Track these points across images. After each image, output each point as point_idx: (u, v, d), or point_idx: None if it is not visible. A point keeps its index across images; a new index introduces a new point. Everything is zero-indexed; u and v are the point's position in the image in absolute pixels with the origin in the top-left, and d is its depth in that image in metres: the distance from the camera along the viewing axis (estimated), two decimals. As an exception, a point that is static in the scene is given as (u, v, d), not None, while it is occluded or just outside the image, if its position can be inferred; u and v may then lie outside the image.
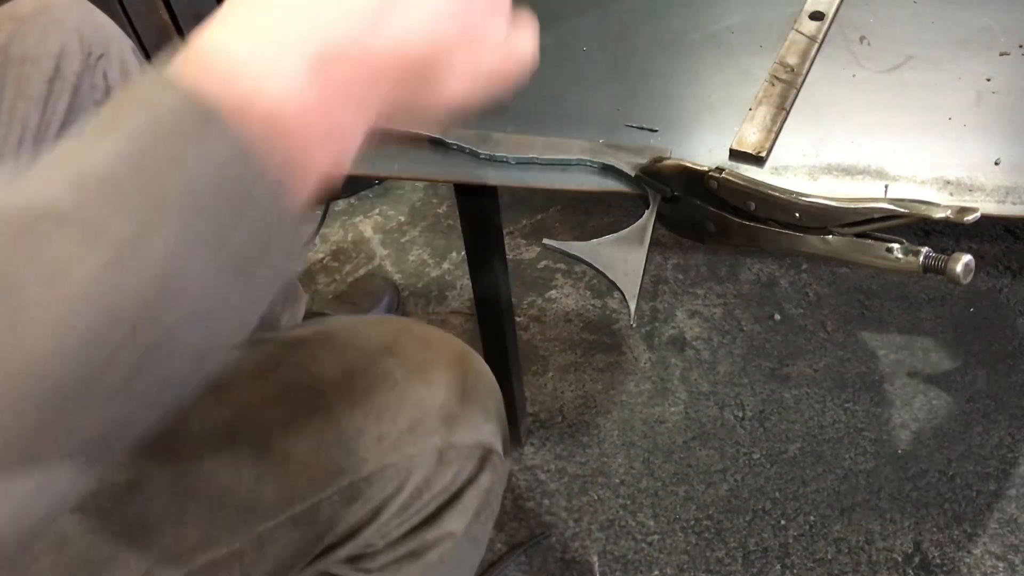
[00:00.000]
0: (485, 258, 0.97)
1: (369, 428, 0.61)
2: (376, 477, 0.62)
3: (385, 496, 0.63)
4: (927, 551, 1.10)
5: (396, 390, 0.63)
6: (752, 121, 0.72)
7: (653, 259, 1.53)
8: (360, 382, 0.63)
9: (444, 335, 0.69)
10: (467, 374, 0.67)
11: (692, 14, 0.88)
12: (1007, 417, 1.24)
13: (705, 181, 0.64)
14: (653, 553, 1.13)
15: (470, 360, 0.69)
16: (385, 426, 0.62)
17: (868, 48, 0.81)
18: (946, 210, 0.53)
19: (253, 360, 0.65)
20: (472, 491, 0.67)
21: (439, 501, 0.66)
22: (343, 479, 0.61)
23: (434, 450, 0.63)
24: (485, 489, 0.68)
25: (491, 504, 0.71)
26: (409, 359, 0.65)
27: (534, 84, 0.43)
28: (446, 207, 1.68)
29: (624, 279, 0.65)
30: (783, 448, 1.23)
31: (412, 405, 0.63)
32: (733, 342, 1.38)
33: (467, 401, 0.66)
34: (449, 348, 0.68)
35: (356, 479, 0.61)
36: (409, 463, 0.62)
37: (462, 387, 0.66)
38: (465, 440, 0.65)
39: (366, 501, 0.62)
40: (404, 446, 0.62)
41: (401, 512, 0.64)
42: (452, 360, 0.67)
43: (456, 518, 0.67)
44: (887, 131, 0.72)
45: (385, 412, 0.62)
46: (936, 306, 1.40)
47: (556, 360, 1.38)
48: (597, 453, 1.25)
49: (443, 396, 0.64)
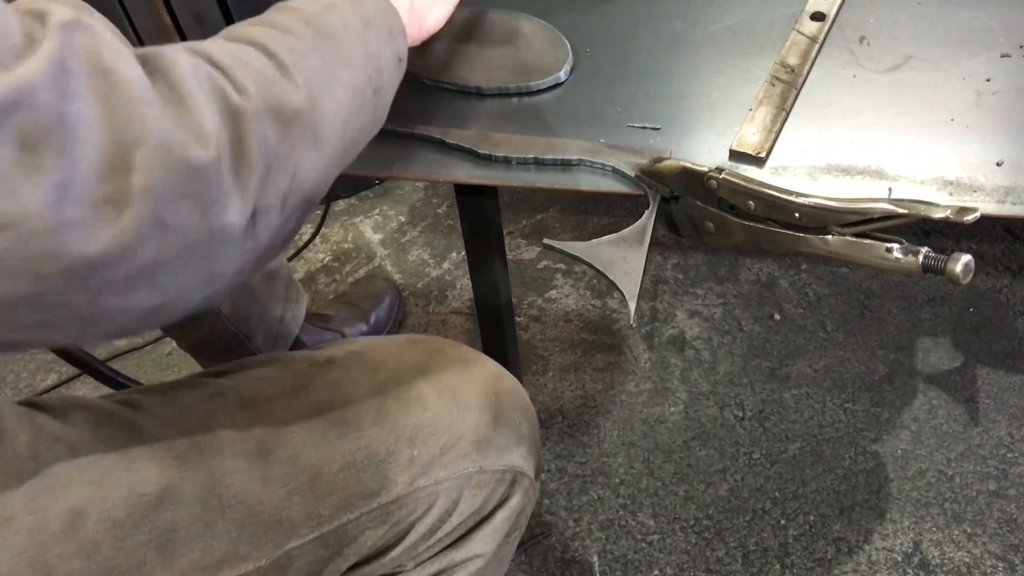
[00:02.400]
0: (485, 258, 0.97)
1: (401, 451, 0.61)
2: (406, 500, 0.62)
3: (414, 519, 0.62)
4: (927, 551, 1.10)
5: (429, 413, 0.63)
6: (752, 122, 0.72)
7: (653, 259, 1.53)
8: (392, 404, 0.63)
9: (478, 356, 0.69)
10: (500, 396, 0.67)
11: (692, 14, 0.88)
12: (1007, 417, 1.24)
13: (705, 181, 0.64)
14: (653, 553, 1.13)
15: (504, 381, 0.69)
16: (417, 449, 0.62)
17: (868, 48, 0.81)
18: (946, 210, 0.53)
19: (285, 378, 0.65)
20: (502, 514, 0.67)
21: (469, 524, 0.66)
22: (372, 501, 0.61)
23: (465, 475, 0.63)
24: (515, 512, 0.68)
25: (520, 525, 0.71)
26: (442, 382, 0.65)
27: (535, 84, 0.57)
28: (446, 207, 1.68)
29: (624, 279, 0.65)
30: (783, 448, 1.23)
31: (444, 429, 0.63)
32: (733, 342, 1.38)
33: (499, 424, 0.65)
34: (482, 370, 0.68)
35: (386, 501, 0.61)
36: (439, 487, 0.62)
37: (495, 410, 0.65)
38: (496, 464, 0.65)
39: (395, 524, 0.62)
40: (435, 470, 0.62)
41: (430, 535, 0.64)
42: (486, 382, 0.67)
43: (485, 540, 0.67)
44: (887, 131, 0.72)
45: (417, 435, 0.62)
46: (936, 306, 1.40)
47: (556, 360, 1.38)
48: (597, 453, 1.25)
49: (475, 420, 0.64)
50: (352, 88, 0.53)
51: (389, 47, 0.59)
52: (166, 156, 0.40)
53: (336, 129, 0.51)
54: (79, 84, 0.38)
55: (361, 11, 0.57)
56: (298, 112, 0.47)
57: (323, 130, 0.50)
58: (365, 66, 0.55)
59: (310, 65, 0.50)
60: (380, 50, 0.57)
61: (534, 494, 0.71)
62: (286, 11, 0.54)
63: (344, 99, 0.52)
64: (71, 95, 0.38)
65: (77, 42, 0.39)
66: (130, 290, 0.42)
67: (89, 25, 0.40)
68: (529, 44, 0.83)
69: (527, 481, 0.68)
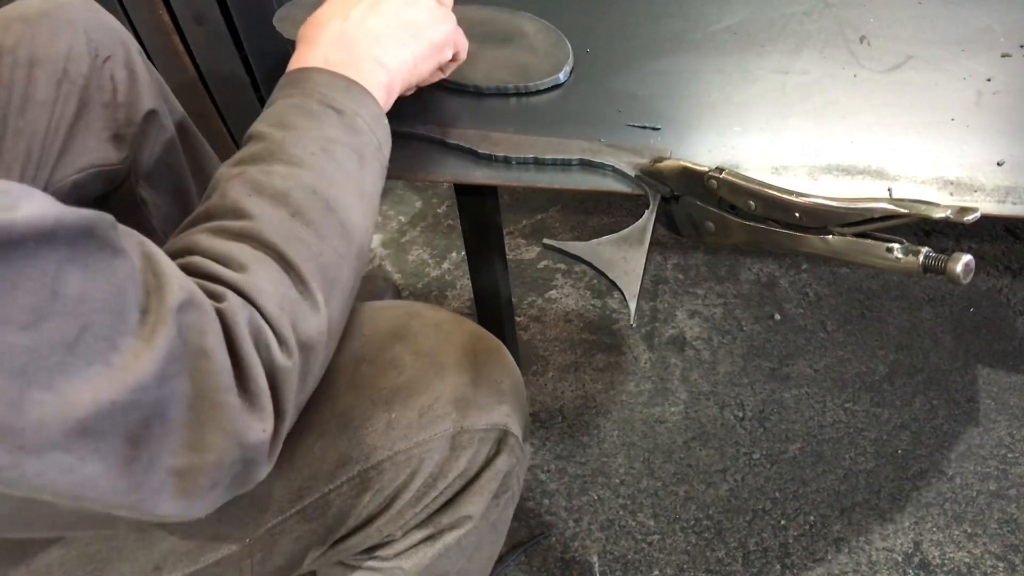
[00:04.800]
0: (485, 258, 0.97)
1: (377, 415, 0.61)
2: (387, 465, 0.61)
3: (398, 485, 0.62)
4: (927, 551, 1.10)
5: (405, 375, 0.62)
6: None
7: (653, 259, 1.53)
8: (367, 368, 0.62)
9: (456, 317, 0.68)
10: (479, 355, 0.66)
11: (692, 14, 0.88)
12: (1007, 417, 1.24)
13: (705, 181, 0.64)
14: (653, 553, 1.13)
15: (483, 341, 0.68)
16: (394, 413, 0.61)
17: (868, 48, 0.81)
18: (946, 210, 0.53)
19: None
20: (488, 473, 0.66)
21: (456, 488, 0.65)
22: (351, 468, 0.60)
23: (446, 435, 0.62)
24: (503, 472, 0.67)
25: (511, 487, 0.69)
26: (419, 344, 0.64)
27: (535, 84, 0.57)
28: (446, 207, 1.68)
29: (624, 279, 0.65)
30: (783, 448, 1.23)
31: (422, 390, 0.62)
32: (733, 342, 1.38)
33: (480, 383, 0.64)
34: (460, 330, 0.67)
35: (365, 467, 0.60)
36: (420, 450, 0.61)
37: (474, 369, 0.65)
38: (479, 423, 0.64)
39: (378, 491, 0.61)
40: (415, 433, 0.61)
41: (416, 501, 0.63)
42: (464, 342, 0.66)
43: (472, 501, 0.66)
44: (887, 131, 0.72)
45: (394, 398, 0.61)
46: (936, 306, 1.40)
47: (556, 360, 1.38)
48: (597, 453, 1.24)
49: (454, 380, 0.63)
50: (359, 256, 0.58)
51: (379, 171, 0.63)
52: (234, 439, 0.46)
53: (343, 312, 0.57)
54: (179, 364, 0.43)
55: (355, 141, 0.60)
56: (319, 337, 0.52)
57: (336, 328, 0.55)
58: (366, 213, 0.59)
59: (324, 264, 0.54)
60: (375, 183, 0.61)
61: (522, 455, 0.69)
62: (288, 163, 0.56)
63: (350, 278, 0.57)
64: (170, 374, 0.42)
65: (187, 323, 0.43)
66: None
67: (200, 304, 0.44)
68: (530, 44, 0.83)
69: (512, 440, 0.66)
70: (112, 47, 0.83)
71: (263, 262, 0.50)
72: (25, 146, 0.77)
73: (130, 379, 0.40)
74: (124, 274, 0.41)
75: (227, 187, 0.54)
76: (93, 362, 0.39)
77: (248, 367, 0.46)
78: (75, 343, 0.38)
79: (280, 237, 0.52)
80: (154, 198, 0.92)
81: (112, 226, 0.41)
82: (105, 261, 0.40)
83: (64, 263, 0.38)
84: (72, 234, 0.38)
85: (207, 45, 1.31)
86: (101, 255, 0.40)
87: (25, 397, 0.37)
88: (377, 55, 0.65)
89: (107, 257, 0.40)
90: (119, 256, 0.41)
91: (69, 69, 0.79)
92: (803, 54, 0.81)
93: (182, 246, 0.51)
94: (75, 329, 0.38)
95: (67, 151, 0.81)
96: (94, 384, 0.39)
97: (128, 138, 0.85)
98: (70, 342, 0.38)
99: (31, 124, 0.77)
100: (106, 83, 0.83)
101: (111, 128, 0.84)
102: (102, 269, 0.40)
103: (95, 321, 0.39)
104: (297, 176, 0.55)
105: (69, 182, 0.82)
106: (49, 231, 0.37)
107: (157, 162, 0.91)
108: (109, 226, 0.41)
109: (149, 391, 0.41)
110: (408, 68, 0.68)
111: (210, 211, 0.53)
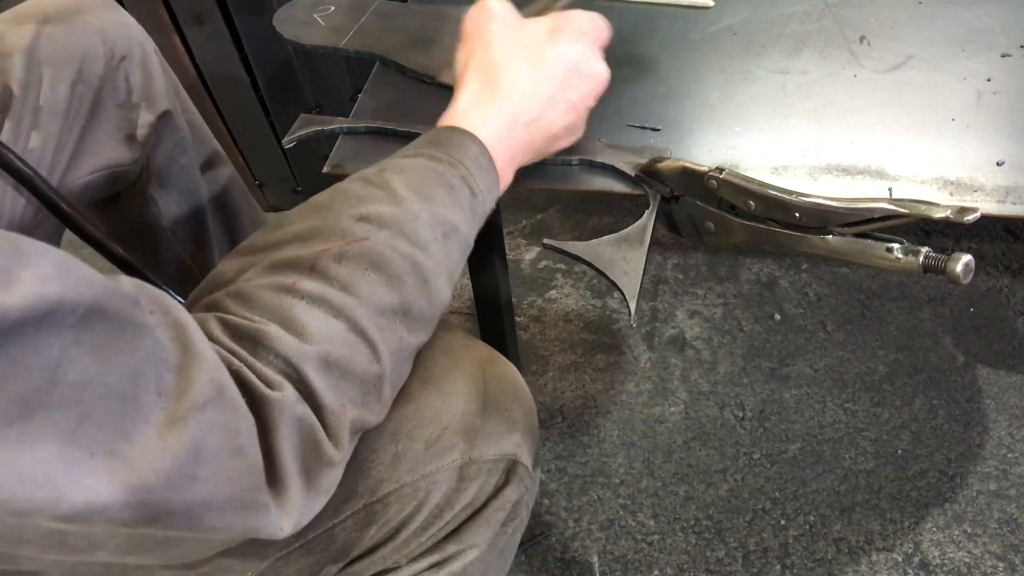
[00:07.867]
0: (485, 258, 0.97)
1: (384, 447, 0.58)
2: (392, 498, 0.59)
3: (404, 517, 0.60)
4: (927, 551, 1.10)
5: (412, 405, 0.59)
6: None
7: (653, 259, 1.53)
8: None
9: (466, 341, 0.66)
10: (489, 382, 0.64)
11: (692, 14, 0.88)
12: (1007, 417, 1.24)
13: (705, 181, 0.64)
14: (653, 553, 1.13)
15: (494, 366, 0.66)
16: (401, 445, 0.58)
17: (868, 48, 0.81)
18: (946, 210, 0.53)
19: None
20: (496, 503, 0.64)
21: (461, 517, 0.63)
22: (357, 503, 0.58)
23: (454, 467, 0.60)
24: (511, 501, 0.65)
25: (519, 515, 0.67)
26: (426, 371, 0.61)
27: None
28: (446, 207, 1.68)
29: (624, 279, 0.65)
30: (783, 448, 1.23)
31: (429, 420, 0.59)
32: (733, 342, 1.38)
33: (489, 411, 0.62)
34: (470, 355, 0.64)
35: (371, 501, 0.58)
36: (427, 481, 0.59)
37: (483, 397, 0.62)
38: (487, 454, 0.61)
39: (383, 523, 0.59)
40: (421, 465, 0.59)
41: (421, 531, 0.61)
42: (472, 369, 0.63)
43: (479, 532, 0.64)
44: (887, 131, 0.72)
45: (400, 430, 0.59)
46: (936, 306, 1.40)
47: (556, 360, 1.38)
48: (597, 453, 1.24)
49: (462, 408, 0.61)
50: (425, 341, 0.56)
51: (473, 227, 0.61)
52: (249, 532, 0.43)
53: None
54: (209, 467, 0.39)
55: (471, 229, 0.59)
56: (371, 426, 0.51)
57: (387, 408, 0.54)
58: (448, 300, 0.57)
59: (403, 359, 0.52)
60: (462, 267, 0.60)
61: (532, 483, 0.67)
62: (412, 243, 0.53)
63: (410, 367, 0.56)
64: (199, 476, 0.39)
65: (213, 421, 0.39)
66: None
67: (230, 402, 0.40)
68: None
69: (522, 469, 0.65)
70: (128, 47, 0.82)
71: (349, 348, 0.47)
72: (38, 148, 0.76)
73: (136, 474, 0.36)
74: (143, 355, 0.36)
75: (348, 250, 0.50)
76: (96, 453, 0.35)
77: (281, 466, 0.43)
78: (74, 433, 0.34)
79: (376, 327, 0.49)
80: (165, 197, 0.92)
81: (132, 301, 0.37)
82: (122, 342, 0.35)
83: (70, 347, 0.33)
84: (79, 314, 0.34)
85: (207, 45, 1.31)
86: (116, 335, 0.35)
87: (15, 495, 0.34)
88: (537, 152, 0.67)
89: (124, 337, 0.36)
90: (140, 335, 0.36)
91: (84, 70, 0.78)
92: (803, 54, 0.81)
93: (274, 302, 0.47)
94: (72, 419, 0.34)
95: (80, 152, 0.80)
96: (97, 477, 0.35)
97: (141, 139, 0.85)
98: (68, 432, 0.34)
99: (45, 126, 0.76)
100: (121, 84, 0.82)
101: (124, 129, 0.83)
102: (118, 350, 0.35)
103: (99, 409, 0.35)
104: (416, 263, 0.53)
105: (81, 183, 0.81)
106: (49, 313, 0.32)
107: (169, 162, 0.90)
108: (127, 301, 0.36)
109: (157, 491, 0.37)
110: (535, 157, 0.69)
111: (318, 267, 0.49)
